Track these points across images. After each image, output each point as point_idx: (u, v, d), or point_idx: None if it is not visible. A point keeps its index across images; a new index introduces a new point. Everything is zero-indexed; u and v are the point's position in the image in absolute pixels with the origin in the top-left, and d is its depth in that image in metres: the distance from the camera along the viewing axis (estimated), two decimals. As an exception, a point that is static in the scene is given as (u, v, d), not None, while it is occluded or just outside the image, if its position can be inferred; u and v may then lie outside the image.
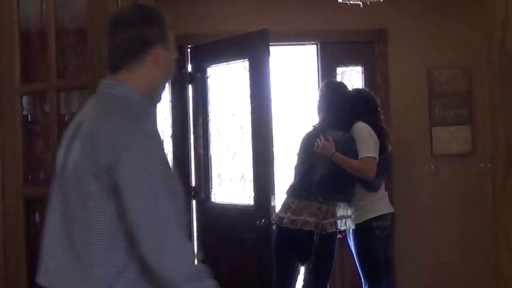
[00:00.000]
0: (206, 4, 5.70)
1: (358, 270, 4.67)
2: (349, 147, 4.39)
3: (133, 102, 1.96)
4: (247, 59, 4.97)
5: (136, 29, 1.97)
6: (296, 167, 4.56)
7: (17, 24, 2.56)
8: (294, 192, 4.42)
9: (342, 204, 4.35)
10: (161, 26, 2.02)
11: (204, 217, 5.50)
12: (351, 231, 4.51)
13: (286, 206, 4.40)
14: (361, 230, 4.46)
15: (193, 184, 5.65)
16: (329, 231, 4.22)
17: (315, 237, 4.19)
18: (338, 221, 4.30)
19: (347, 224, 4.39)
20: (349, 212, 4.39)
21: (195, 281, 1.86)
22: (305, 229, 4.21)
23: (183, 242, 1.87)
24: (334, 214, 4.27)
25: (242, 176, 5.10)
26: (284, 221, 4.30)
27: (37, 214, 2.60)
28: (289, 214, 4.31)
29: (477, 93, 5.74)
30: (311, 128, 4.63)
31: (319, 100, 4.64)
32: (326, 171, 4.36)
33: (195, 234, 5.58)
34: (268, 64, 4.77)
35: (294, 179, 4.52)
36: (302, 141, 4.62)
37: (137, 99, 1.98)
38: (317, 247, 4.21)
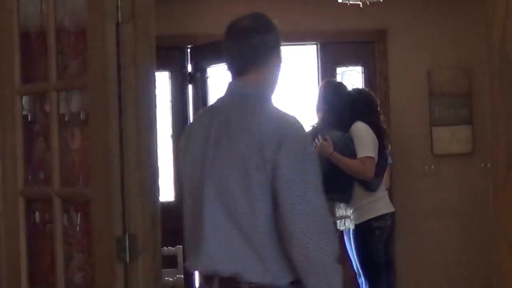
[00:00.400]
0: (206, 4, 5.70)
1: (356, 270, 4.68)
2: (348, 148, 4.39)
3: (264, 98, 2.27)
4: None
5: (261, 37, 2.29)
6: None
7: (17, 24, 2.56)
8: None
9: (341, 205, 4.34)
10: (277, 32, 2.34)
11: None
12: (351, 231, 4.50)
13: None
14: (360, 231, 4.46)
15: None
16: None
17: None
18: (338, 222, 4.30)
19: (346, 224, 4.38)
20: (348, 213, 4.39)
21: (337, 261, 2.13)
22: None
23: (331, 226, 2.19)
24: (333, 214, 4.26)
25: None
26: None
27: (37, 214, 2.60)
28: None
29: (477, 93, 5.75)
30: (310, 128, 4.62)
31: (318, 100, 4.64)
32: (324, 171, 4.34)
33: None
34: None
35: None
36: None
37: (265, 95, 2.28)
38: None
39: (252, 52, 2.26)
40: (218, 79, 5.38)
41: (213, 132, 2.21)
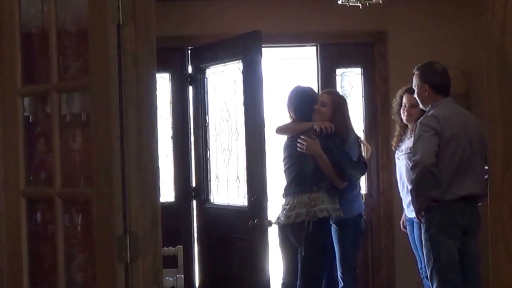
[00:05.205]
0: (206, 5, 5.71)
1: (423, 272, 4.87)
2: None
3: None
4: (241, 60, 4.98)
5: None
6: (285, 170, 4.70)
7: (18, 25, 2.57)
8: (289, 190, 4.59)
9: (327, 194, 4.44)
10: None
11: (203, 218, 5.51)
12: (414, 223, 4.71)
13: (283, 205, 4.60)
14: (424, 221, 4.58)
15: (194, 184, 5.66)
16: (320, 216, 4.35)
17: (306, 224, 4.34)
18: (329, 208, 4.40)
19: (337, 213, 4.46)
20: (337, 204, 4.49)
21: None
22: (298, 220, 4.40)
23: None
24: (323, 201, 4.39)
25: (237, 177, 5.11)
26: (281, 220, 4.54)
27: (38, 215, 2.61)
28: (285, 212, 4.52)
29: (476, 95, 5.76)
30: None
31: (288, 107, 4.77)
32: (315, 163, 4.51)
33: (195, 235, 5.59)
34: (260, 65, 4.74)
35: (288, 180, 4.66)
36: (285, 146, 4.73)
37: None
38: (308, 235, 4.32)
39: None
40: (217, 80, 5.38)
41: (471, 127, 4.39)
